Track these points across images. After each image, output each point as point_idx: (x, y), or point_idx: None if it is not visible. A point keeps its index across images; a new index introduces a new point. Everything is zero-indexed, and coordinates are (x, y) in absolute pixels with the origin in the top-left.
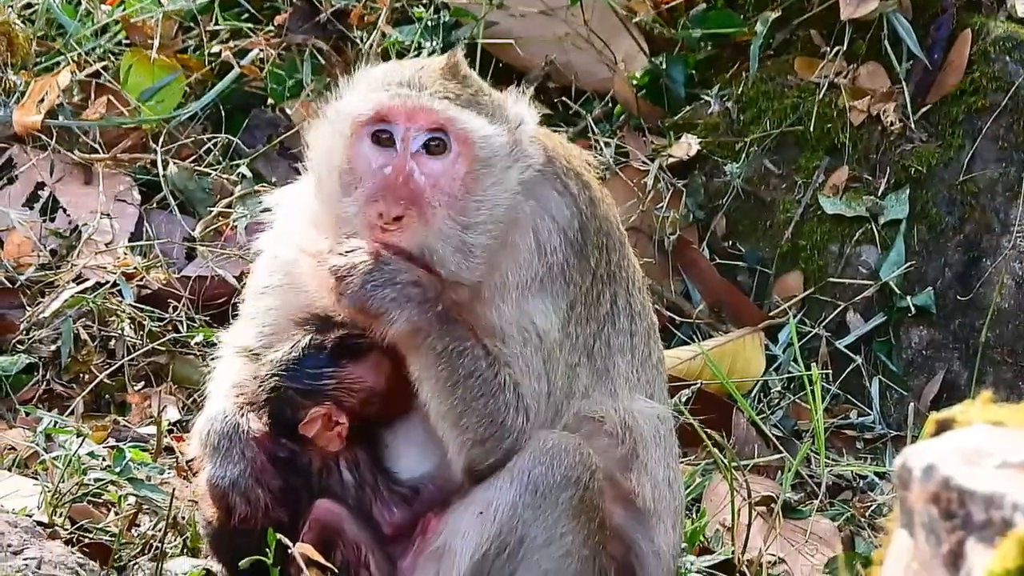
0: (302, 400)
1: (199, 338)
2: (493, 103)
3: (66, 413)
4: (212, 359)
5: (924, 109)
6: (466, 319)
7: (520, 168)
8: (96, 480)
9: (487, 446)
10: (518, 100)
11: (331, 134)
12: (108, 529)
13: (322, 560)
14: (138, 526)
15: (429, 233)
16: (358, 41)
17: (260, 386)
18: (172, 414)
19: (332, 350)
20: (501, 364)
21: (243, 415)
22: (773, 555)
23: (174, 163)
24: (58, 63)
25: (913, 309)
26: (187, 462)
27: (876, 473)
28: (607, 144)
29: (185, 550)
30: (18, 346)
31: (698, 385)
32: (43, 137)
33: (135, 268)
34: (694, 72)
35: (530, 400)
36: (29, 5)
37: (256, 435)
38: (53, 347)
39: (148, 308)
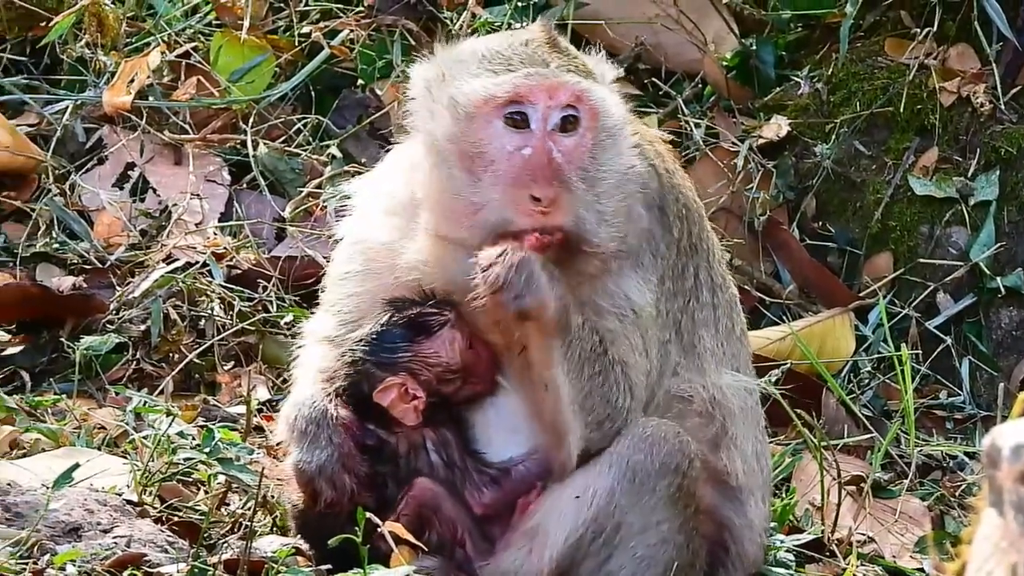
0: (379, 373)
1: (289, 318)
2: (598, 70)
3: (156, 393)
4: (297, 346)
5: (1014, 90)
6: (578, 298)
7: (631, 131)
8: (186, 459)
9: (603, 429)
10: (598, 60)
11: (449, 119)
12: (198, 508)
13: (411, 538)
14: (227, 505)
15: (577, 207)
16: (448, 21)
17: (340, 361)
18: (261, 394)
19: (407, 325)
20: (608, 342)
21: (331, 401)
22: (863, 534)
23: (264, 144)
24: (148, 44)
25: (1003, 290)
26: (274, 445)
27: (965, 453)
28: (697, 125)
29: (274, 528)
30: (108, 326)
31: (788, 365)
32: (133, 118)
33: (225, 248)
34: (784, 53)
35: (635, 378)
36: None
37: (344, 421)
38: (143, 327)
39: (238, 288)
